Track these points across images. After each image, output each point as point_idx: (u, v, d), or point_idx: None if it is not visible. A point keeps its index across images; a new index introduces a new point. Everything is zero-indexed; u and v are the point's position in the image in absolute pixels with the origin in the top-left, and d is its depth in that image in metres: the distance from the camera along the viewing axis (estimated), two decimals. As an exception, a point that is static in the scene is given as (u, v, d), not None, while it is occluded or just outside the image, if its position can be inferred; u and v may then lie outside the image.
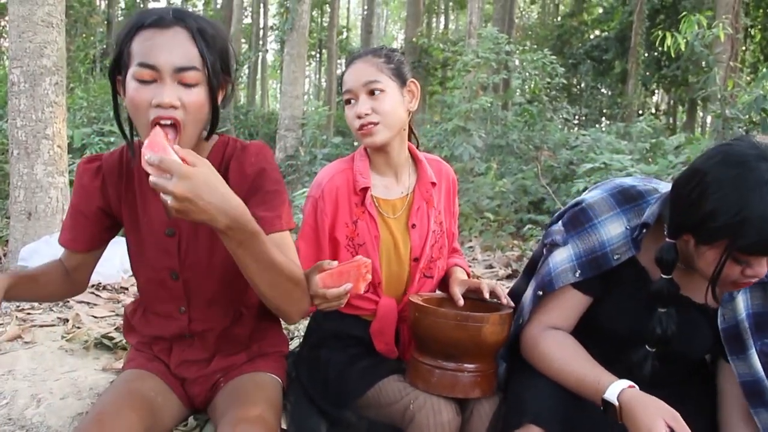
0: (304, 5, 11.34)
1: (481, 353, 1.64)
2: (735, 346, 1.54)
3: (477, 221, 6.67)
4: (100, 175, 1.57)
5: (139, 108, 1.33)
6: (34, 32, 4.10)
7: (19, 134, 4.14)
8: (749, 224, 1.25)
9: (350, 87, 1.79)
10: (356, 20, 39.21)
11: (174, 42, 1.32)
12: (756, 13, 17.05)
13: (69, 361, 2.31)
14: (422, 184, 1.87)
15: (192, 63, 1.33)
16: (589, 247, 1.55)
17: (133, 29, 1.34)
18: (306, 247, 1.78)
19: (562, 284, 1.57)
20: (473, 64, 8.80)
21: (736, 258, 1.32)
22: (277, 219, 1.45)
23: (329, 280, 1.43)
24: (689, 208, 1.36)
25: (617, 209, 1.55)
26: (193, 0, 28.97)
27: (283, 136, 11.33)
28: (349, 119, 1.81)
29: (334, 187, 1.79)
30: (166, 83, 1.31)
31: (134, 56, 1.33)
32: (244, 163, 1.50)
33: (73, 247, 1.61)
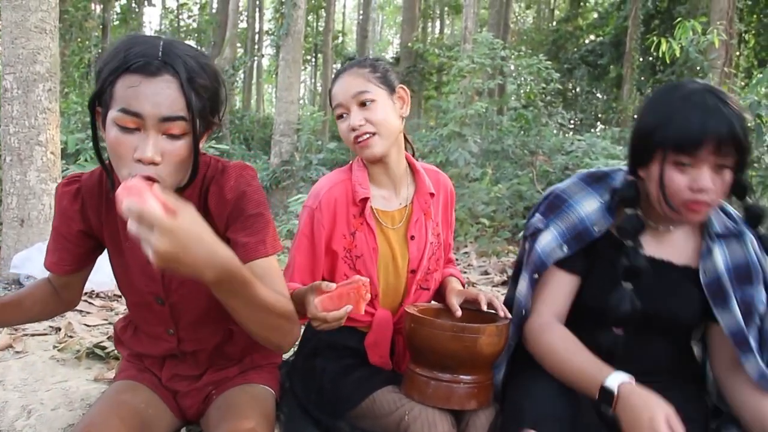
0: (300, 11, 11.33)
1: (478, 364, 1.62)
2: (719, 299, 1.58)
3: (472, 227, 6.67)
4: (80, 198, 1.52)
5: (121, 158, 1.26)
6: (27, 38, 4.08)
7: (12, 141, 4.12)
8: (673, 122, 1.42)
9: (340, 101, 1.77)
10: (352, 25, 39.28)
11: (161, 91, 1.24)
12: (750, 18, 17.12)
13: (60, 371, 2.29)
14: (421, 195, 1.86)
15: (178, 113, 1.25)
16: (570, 225, 1.64)
17: (117, 70, 1.24)
18: (302, 258, 1.76)
19: (553, 261, 1.63)
20: (468, 70, 8.81)
21: (675, 163, 1.44)
22: (261, 245, 1.41)
23: (329, 304, 1.41)
24: (634, 134, 1.55)
25: (588, 188, 1.67)
26: (188, 5, 28.98)
27: (279, 141, 11.30)
28: (343, 133, 1.79)
29: (332, 198, 1.77)
30: (149, 134, 1.24)
31: (117, 99, 1.24)
32: (224, 188, 1.44)
33: (58, 271, 1.58)
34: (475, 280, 4.68)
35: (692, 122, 1.41)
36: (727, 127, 1.39)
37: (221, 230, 1.44)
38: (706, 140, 1.40)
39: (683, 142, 1.42)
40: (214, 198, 1.45)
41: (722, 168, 1.45)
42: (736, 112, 1.42)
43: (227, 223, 1.44)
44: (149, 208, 1.02)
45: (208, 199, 1.45)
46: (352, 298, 1.40)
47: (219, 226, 1.44)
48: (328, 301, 1.41)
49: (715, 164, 1.43)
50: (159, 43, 1.27)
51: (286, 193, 10.15)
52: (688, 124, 1.41)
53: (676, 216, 1.51)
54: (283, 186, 10.65)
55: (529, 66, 9.57)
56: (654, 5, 18.82)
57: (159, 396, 1.64)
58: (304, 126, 11.21)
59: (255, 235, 1.41)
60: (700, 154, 1.41)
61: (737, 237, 1.62)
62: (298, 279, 1.73)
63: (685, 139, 1.42)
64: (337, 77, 1.82)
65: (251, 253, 1.39)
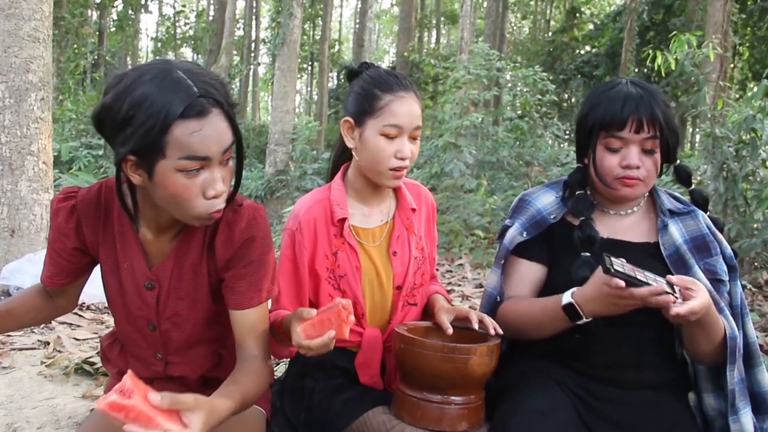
0: (296, 20, 11.35)
1: (469, 385, 1.60)
2: (682, 270, 1.66)
3: (467, 238, 6.65)
4: (75, 216, 1.48)
5: (190, 200, 1.29)
6: (20, 47, 4.06)
7: (3, 150, 4.09)
8: (601, 106, 1.64)
9: (402, 124, 1.66)
10: (348, 33, 39.38)
11: (216, 128, 1.26)
12: (744, 31, 17.21)
13: (48, 387, 2.26)
14: (402, 210, 1.83)
15: (231, 141, 1.30)
16: (530, 216, 1.79)
17: (166, 122, 1.21)
18: (286, 282, 1.73)
19: (514, 245, 1.77)
20: (464, 81, 8.81)
21: (606, 147, 1.64)
22: (257, 294, 1.46)
23: (311, 331, 1.38)
24: (576, 125, 1.76)
25: (546, 188, 1.85)
26: (185, 12, 29.03)
27: (273, 150, 11.29)
28: (384, 154, 1.67)
29: (312, 219, 1.73)
30: (214, 169, 1.29)
31: (175, 148, 1.23)
32: (234, 229, 1.44)
33: (52, 285, 1.56)
34: (469, 293, 4.66)
35: (616, 104, 1.62)
36: (648, 109, 1.60)
37: (219, 268, 1.47)
38: (629, 118, 1.60)
39: (609, 121, 1.61)
40: (222, 237, 1.45)
41: (650, 152, 1.63)
42: (658, 99, 1.62)
43: (228, 263, 1.45)
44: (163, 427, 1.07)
45: (216, 237, 1.45)
46: (334, 322, 1.37)
47: (219, 264, 1.46)
48: (310, 329, 1.38)
49: (642, 147, 1.62)
50: (184, 79, 1.24)
51: (281, 202, 10.13)
52: (612, 105, 1.62)
53: (613, 193, 1.67)
54: (278, 196, 10.63)
55: (525, 77, 9.59)
56: (649, 17, 18.94)
57: None
58: (299, 135, 11.20)
59: (254, 284, 1.45)
60: (626, 133, 1.61)
61: (689, 214, 1.76)
62: (284, 302, 1.71)
63: (610, 117, 1.61)
64: (400, 93, 1.68)
65: (246, 302, 1.44)
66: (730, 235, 5.46)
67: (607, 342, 1.65)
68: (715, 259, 1.68)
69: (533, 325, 1.66)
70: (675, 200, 1.79)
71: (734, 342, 1.56)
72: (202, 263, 1.47)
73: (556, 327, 1.61)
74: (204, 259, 1.47)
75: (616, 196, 1.70)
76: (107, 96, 1.26)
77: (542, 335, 1.66)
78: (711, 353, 1.59)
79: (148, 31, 35.61)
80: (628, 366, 1.66)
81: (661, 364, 1.69)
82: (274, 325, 1.56)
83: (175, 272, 1.47)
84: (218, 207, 1.32)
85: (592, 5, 28.85)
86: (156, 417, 1.08)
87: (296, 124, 11.87)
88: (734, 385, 1.57)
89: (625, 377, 1.65)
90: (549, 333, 1.64)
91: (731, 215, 5.53)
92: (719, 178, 5.36)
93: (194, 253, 1.47)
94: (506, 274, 1.81)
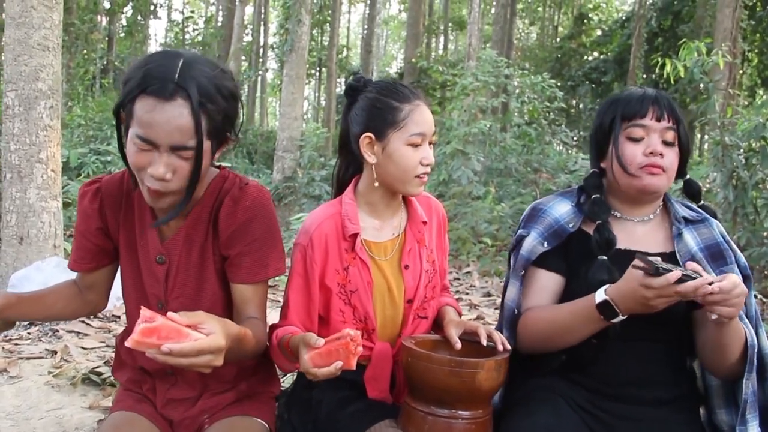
0: (304, 27, 11.38)
1: (476, 400, 1.59)
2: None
3: (475, 246, 6.63)
4: (99, 197, 1.59)
5: (138, 169, 1.38)
6: (30, 56, 4.08)
7: (13, 158, 4.11)
8: (620, 100, 1.70)
9: (425, 131, 1.70)
10: (356, 39, 39.46)
11: (172, 119, 1.31)
12: (753, 37, 17.16)
13: (55, 397, 2.26)
14: (413, 224, 1.82)
15: (187, 143, 1.34)
16: (547, 225, 1.76)
17: (136, 89, 1.32)
18: (296, 297, 1.71)
19: (536, 255, 1.74)
20: (472, 88, 8.81)
21: (628, 138, 1.66)
22: (262, 269, 1.53)
23: (319, 360, 1.39)
24: (593, 130, 1.78)
25: (560, 197, 1.84)
26: (194, 18, 29.16)
27: (281, 157, 11.31)
28: (411, 162, 1.69)
29: (323, 234, 1.71)
30: (162, 155, 1.35)
31: (135, 120, 1.33)
32: (239, 205, 1.52)
33: (78, 268, 1.63)
34: (477, 301, 4.64)
35: (635, 96, 1.68)
36: (666, 100, 1.65)
37: (222, 243, 1.54)
38: (650, 107, 1.64)
39: (631, 110, 1.65)
40: (226, 211, 1.52)
41: (671, 144, 1.65)
42: (671, 99, 1.68)
43: (231, 239, 1.52)
44: (191, 339, 1.16)
45: (220, 211, 1.53)
46: (342, 354, 1.37)
47: (221, 238, 1.54)
48: (318, 358, 1.39)
49: (663, 138, 1.63)
50: (178, 63, 1.34)
51: (289, 209, 10.13)
52: (632, 97, 1.68)
53: (637, 185, 1.65)
54: (286, 202, 10.64)
55: (532, 85, 9.58)
56: (657, 24, 18.91)
57: (157, 426, 1.61)
58: (307, 142, 11.21)
59: (259, 260, 1.52)
60: (647, 121, 1.64)
61: (702, 222, 1.75)
62: (293, 318, 1.70)
63: (631, 107, 1.66)
64: (417, 101, 1.72)
65: (252, 277, 1.52)
66: (740, 243, 5.43)
67: (617, 358, 1.63)
68: (731, 267, 1.66)
69: (562, 330, 1.62)
70: (687, 209, 1.78)
71: (753, 350, 1.55)
72: (208, 241, 1.56)
73: (588, 329, 1.57)
74: (209, 236, 1.55)
75: (639, 190, 1.67)
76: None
77: (570, 342, 1.62)
78: (733, 363, 1.56)
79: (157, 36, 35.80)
80: (638, 382, 1.64)
81: (671, 380, 1.67)
82: (282, 343, 1.56)
83: (185, 248, 1.55)
84: (152, 185, 1.37)
85: (600, 11, 28.84)
86: (183, 330, 1.17)
87: (304, 131, 11.90)
88: (748, 395, 1.55)
89: (636, 393, 1.64)
90: (578, 338, 1.60)
91: (741, 224, 5.50)
92: (729, 187, 5.33)
93: (202, 229, 1.55)
94: (525, 285, 1.78)
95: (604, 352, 1.62)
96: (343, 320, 1.72)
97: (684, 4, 18.84)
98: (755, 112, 5.83)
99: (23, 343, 2.93)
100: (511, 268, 1.83)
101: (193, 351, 1.15)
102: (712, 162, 5.64)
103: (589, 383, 1.66)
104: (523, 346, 1.71)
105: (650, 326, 1.61)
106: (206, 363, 1.18)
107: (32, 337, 3.06)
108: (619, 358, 1.63)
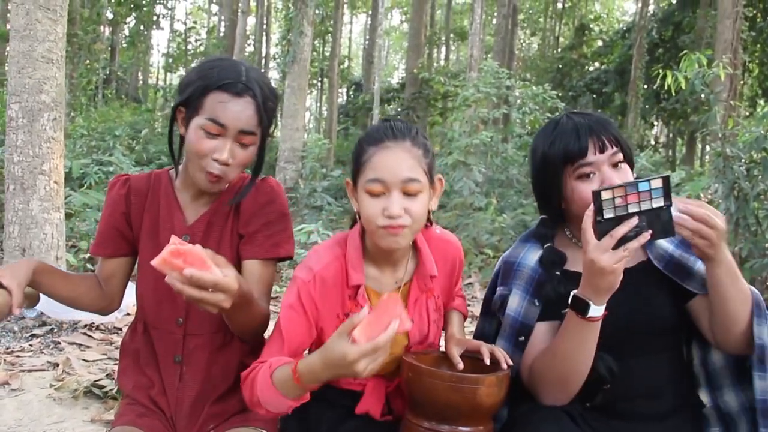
0: (306, 38, 11.41)
1: (477, 415, 1.58)
2: (683, 273, 1.65)
3: (476, 257, 6.63)
4: (127, 185, 1.73)
5: (199, 155, 1.54)
6: (34, 68, 4.11)
7: (16, 170, 4.13)
8: (555, 144, 1.61)
9: (384, 178, 1.48)
10: (358, 50, 39.58)
11: (243, 109, 1.53)
12: (753, 48, 17.19)
13: (57, 410, 2.26)
14: (421, 276, 1.69)
15: (253, 129, 1.56)
16: (527, 279, 1.71)
17: (209, 86, 1.52)
18: (290, 330, 1.57)
19: (534, 317, 1.68)
20: (474, 99, 8.83)
21: (578, 177, 1.59)
22: (275, 246, 1.66)
23: (370, 331, 1.27)
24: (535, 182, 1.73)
25: (527, 244, 1.78)
26: (196, 29, 29.28)
27: (283, 168, 11.33)
28: (370, 212, 1.51)
29: (326, 278, 1.60)
30: (227, 141, 1.54)
31: (205, 109, 1.52)
32: (260, 190, 1.69)
33: (99, 252, 1.72)
34: (479, 313, 4.63)
35: (570, 136, 1.59)
36: (600, 127, 1.59)
37: (242, 222, 1.69)
38: (588, 143, 1.57)
39: (571, 153, 1.58)
40: (250, 195, 1.68)
41: (617, 164, 1.59)
42: (601, 118, 1.64)
43: (250, 218, 1.67)
44: (212, 271, 1.26)
45: (244, 197, 1.68)
46: (392, 310, 1.29)
47: (242, 218, 1.68)
48: (369, 329, 1.27)
49: (611, 163, 1.58)
50: (242, 69, 1.56)
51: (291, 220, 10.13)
52: (567, 138, 1.60)
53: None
54: (287, 213, 10.62)
55: (534, 95, 9.60)
56: (658, 34, 18.95)
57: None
58: (309, 153, 11.22)
59: (273, 237, 1.66)
60: (592, 157, 1.57)
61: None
62: (286, 351, 1.56)
63: (570, 150, 1.58)
64: (381, 144, 1.52)
65: (264, 252, 1.65)
66: (742, 255, 5.42)
67: (624, 377, 1.61)
68: None
69: (565, 358, 1.55)
70: None
71: (757, 297, 1.54)
72: (228, 224, 1.69)
73: (583, 343, 1.52)
74: (230, 219, 1.69)
75: None
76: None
77: (578, 367, 1.55)
78: (744, 324, 1.53)
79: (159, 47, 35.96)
80: (645, 396, 1.63)
81: (676, 390, 1.66)
82: (281, 373, 1.43)
83: (207, 229, 1.69)
84: (215, 170, 1.55)
85: (601, 22, 28.96)
86: (207, 261, 1.26)
87: (306, 142, 11.92)
88: (763, 339, 1.52)
89: (642, 409, 1.63)
90: (582, 359, 1.54)
91: (743, 235, 5.50)
92: (730, 198, 5.33)
93: (223, 214, 1.69)
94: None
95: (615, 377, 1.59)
96: None
97: (685, 15, 18.89)
98: (756, 123, 5.83)
99: (25, 356, 2.93)
100: (499, 329, 1.77)
101: (211, 282, 1.25)
102: (713, 173, 5.64)
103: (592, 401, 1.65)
104: (541, 392, 1.64)
105: (649, 338, 1.62)
106: (216, 301, 1.28)
107: (34, 350, 3.07)
108: (625, 376, 1.61)
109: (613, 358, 1.57)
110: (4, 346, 3.08)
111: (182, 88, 1.59)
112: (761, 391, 1.54)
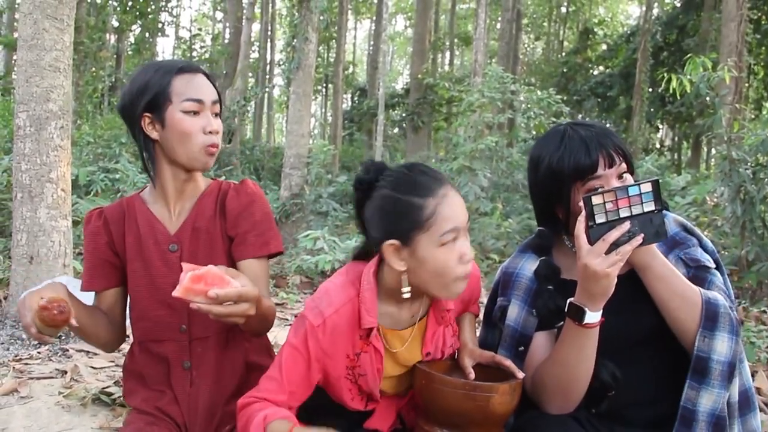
0: (311, 45, 11.43)
1: (489, 424, 1.58)
2: None
3: (482, 262, 6.62)
4: (103, 216, 1.74)
5: (193, 134, 1.62)
6: (42, 77, 4.12)
7: (24, 178, 4.14)
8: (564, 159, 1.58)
9: (458, 225, 1.48)
10: (362, 56, 39.65)
11: (205, 82, 1.66)
12: (758, 50, 17.17)
13: (65, 418, 2.26)
14: (437, 310, 1.66)
15: (218, 98, 1.69)
16: (525, 289, 1.74)
17: (169, 74, 1.62)
18: (291, 370, 1.52)
19: (533, 328, 1.69)
20: (478, 104, 8.82)
21: (588, 191, 1.55)
22: (264, 246, 1.71)
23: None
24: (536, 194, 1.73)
25: (525, 255, 1.81)
26: (201, 35, 29.36)
27: (288, 174, 11.32)
28: (449, 266, 1.46)
29: (338, 323, 1.54)
30: (207, 113, 1.64)
31: (177, 94, 1.61)
32: (241, 191, 1.75)
33: (92, 288, 1.73)
34: (484, 318, 4.62)
35: (580, 151, 1.58)
36: (607, 140, 1.58)
37: (229, 225, 1.72)
38: (599, 158, 1.56)
39: (582, 168, 1.57)
40: (231, 196, 1.74)
41: (622, 175, 1.60)
42: (604, 128, 1.63)
43: (236, 220, 1.71)
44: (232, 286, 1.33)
45: (226, 199, 1.73)
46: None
47: (229, 220, 1.72)
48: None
49: (618, 175, 1.58)
50: (176, 59, 1.83)
51: (296, 226, 10.13)
52: (577, 153, 1.58)
53: None
54: (293, 220, 10.64)
55: (539, 100, 9.59)
56: (663, 38, 18.94)
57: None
58: (314, 159, 11.22)
59: (262, 236, 1.71)
60: (602, 171, 1.56)
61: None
62: (284, 389, 1.51)
63: (582, 165, 1.57)
64: (440, 192, 1.48)
65: (255, 251, 1.70)
66: (748, 258, 5.41)
67: (627, 384, 1.61)
68: (694, 249, 1.66)
69: (565, 365, 1.55)
70: None
71: (714, 306, 1.52)
72: (215, 225, 1.72)
73: (582, 351, 1.52)
74: (217, 220, 1.72)
75: None
76: (123, 92, 1.69)
77: (579, 375, 1.55)
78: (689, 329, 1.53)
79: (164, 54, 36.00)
80: (642, 403, 1.63)
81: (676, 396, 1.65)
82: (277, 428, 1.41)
83: (194, 234, 1.70)
84: (214, 141, 1.65)
85: (605, 26, 28.94)
86: (226, 277, 1.33)
87: (311, 148, 11.91)
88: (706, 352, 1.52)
89: (647, 413, 1.63)
90: (583, 367, 1.54)
91: (749, 238, 5.49)
92: (736, 201, 5.33)
93: (207, 216, 1.72)
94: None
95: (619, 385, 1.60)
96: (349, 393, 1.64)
97: (689, 18, 18.89)
98: (762, 126, 5.83)
99: (33, 363, 2.93)
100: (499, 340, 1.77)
101: (235, 295, 1.32)
102: (719, 176, 5.63)
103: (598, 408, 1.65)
104: (545, 401, 1.63)
105: (649, 342, 1.62)
106: (243, 312, 1.35)
107: (42, 357, 3.07)
108: (629, 383, 1.60)
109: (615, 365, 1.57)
110: (12, 353, 3.09)
111: (135, 98, 1.63)
112: (687, 398, 1.54)
